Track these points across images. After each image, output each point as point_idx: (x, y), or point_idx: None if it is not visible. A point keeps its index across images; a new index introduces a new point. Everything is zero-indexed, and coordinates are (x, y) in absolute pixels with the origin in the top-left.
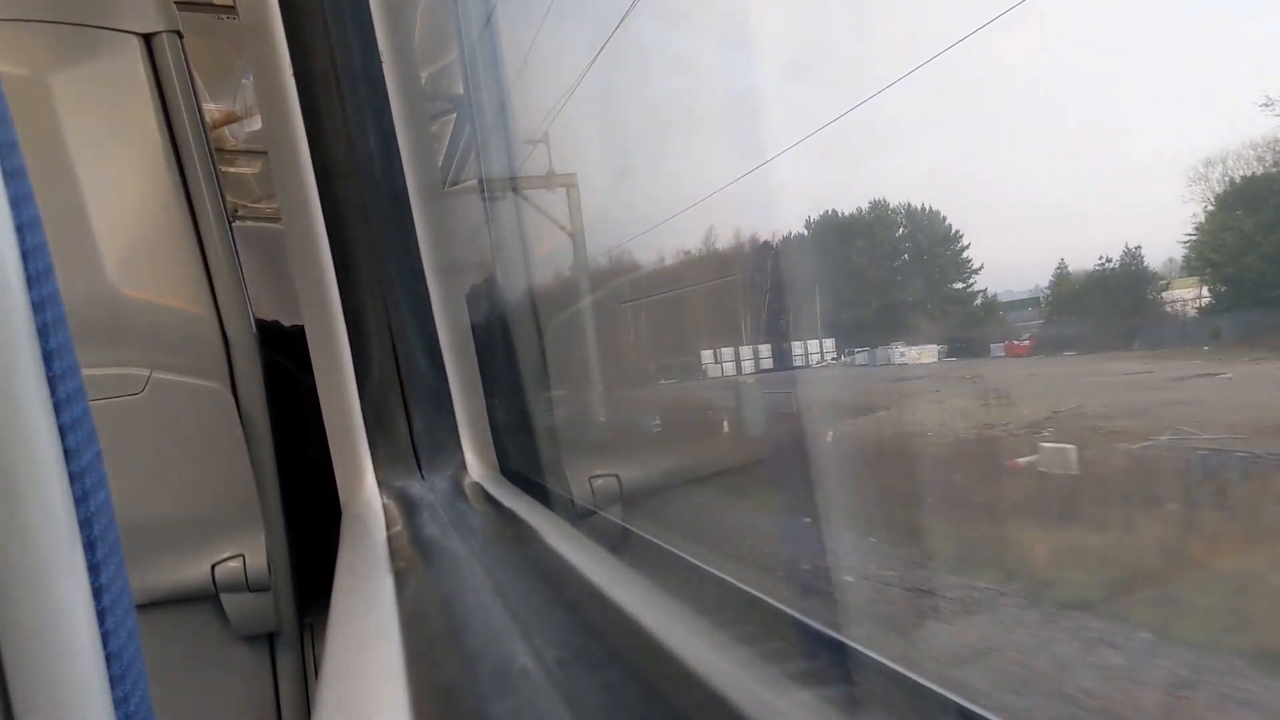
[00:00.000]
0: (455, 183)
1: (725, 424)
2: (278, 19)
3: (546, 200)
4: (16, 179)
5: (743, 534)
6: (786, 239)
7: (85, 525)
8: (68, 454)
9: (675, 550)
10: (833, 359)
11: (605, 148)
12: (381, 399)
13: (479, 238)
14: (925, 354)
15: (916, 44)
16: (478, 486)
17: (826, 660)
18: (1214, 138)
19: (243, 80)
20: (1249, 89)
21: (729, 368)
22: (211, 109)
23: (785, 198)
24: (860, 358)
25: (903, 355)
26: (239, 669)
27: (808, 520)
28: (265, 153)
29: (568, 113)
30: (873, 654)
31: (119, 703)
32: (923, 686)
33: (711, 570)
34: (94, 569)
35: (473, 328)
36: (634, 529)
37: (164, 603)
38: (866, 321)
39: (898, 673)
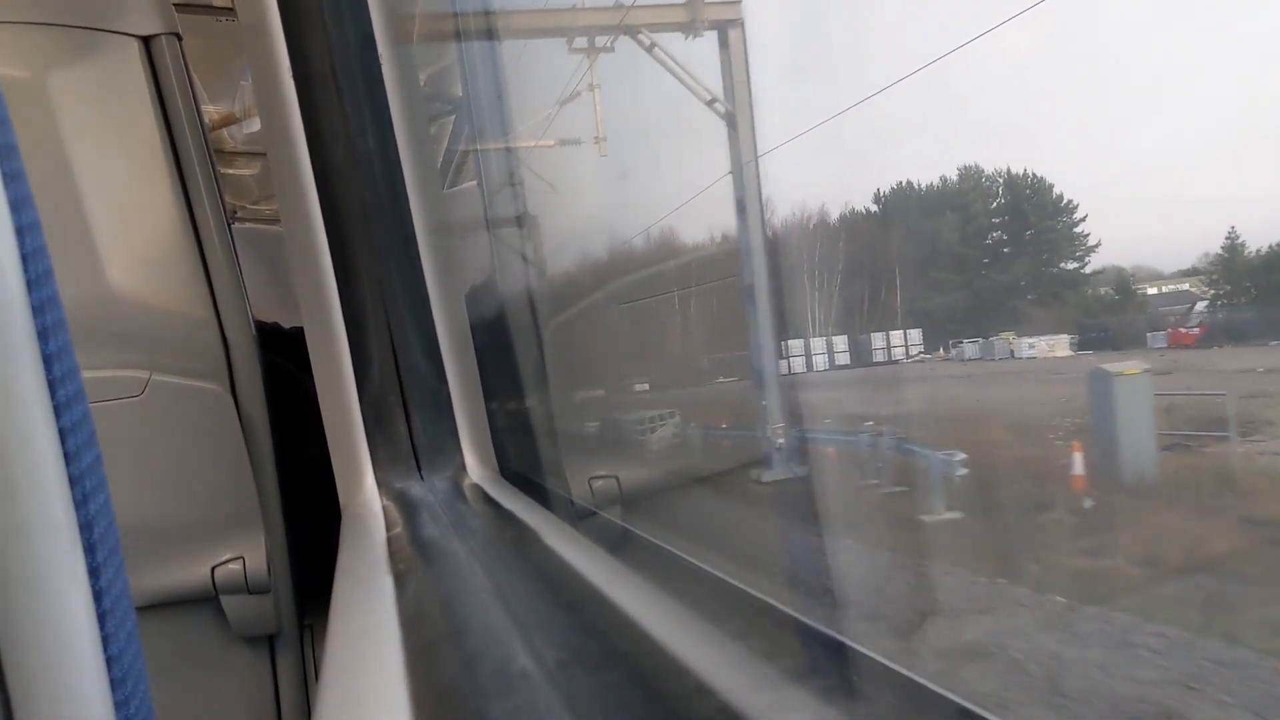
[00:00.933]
0: (455, 184)
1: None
2: (277, 20)
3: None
4: (16, 182)
5: None
6: (851, 216)
7: (85, 528)
8: (68, 457)
9: (676, 551)
10: (920, 353)
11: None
12: (381, 400)
13: (478, 235)
14: (1058, 346)
15: None
16: (477, 488)
17: (827, 661)
18: None
19: (241, 82)
20: None
21: (798, 363)
22: (210, 111)
23: (848, 167)
24: (970, 350)
25: (1031, 347)
26: (239, 671)
27: None
28: (264, 154)
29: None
30: (873, 654)
31: (120, 705)
32: (924, 687)
33: (713, 571)
34: (94, 572)
35: (489, 327)
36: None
37: (164, 605)
38: (961, 309)
39: (898, 673)
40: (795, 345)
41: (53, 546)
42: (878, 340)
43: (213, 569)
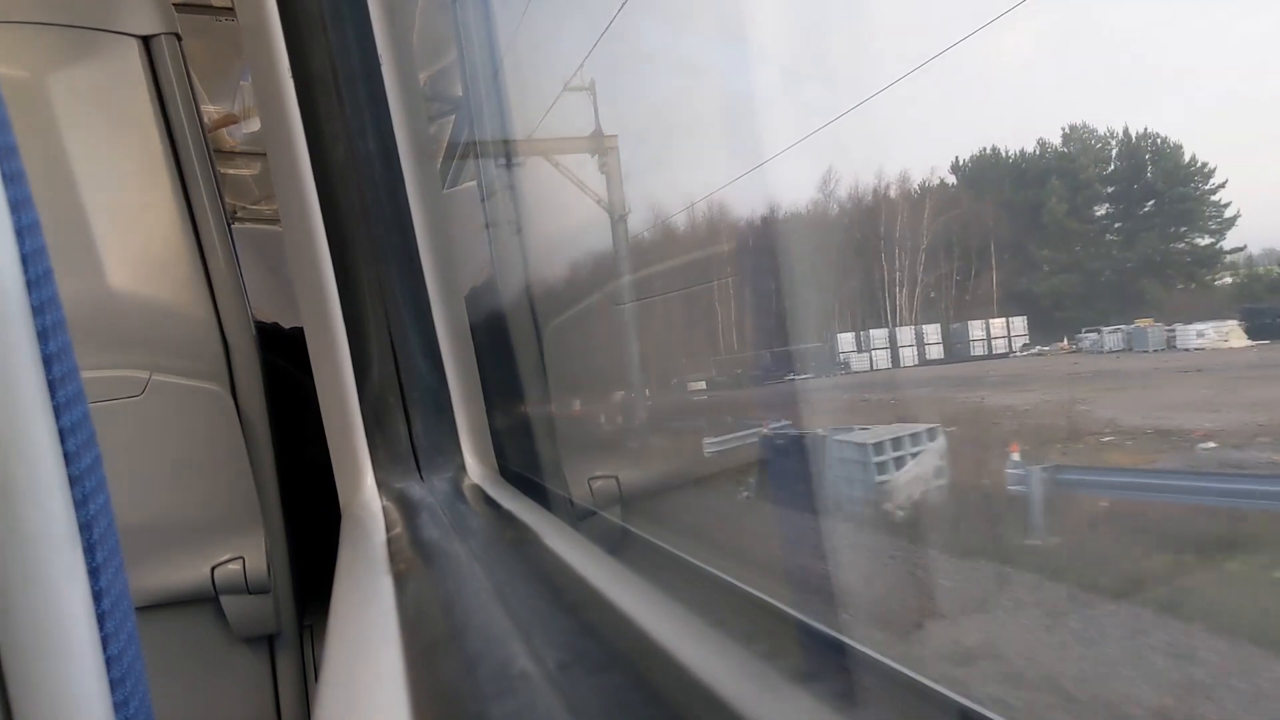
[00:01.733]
0: (455, 184)
1: None
2: (276, 21)
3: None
4: (15, 183)
5: None
6: (926, 187)
7: (85, 529)
8: (68, 457)
9: (677, 552)
10: (1025, 343)
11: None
12: (381, 401)
13: (478, 234)
14: (1232, 334)
15: None
16: (477, 488)
17: (830, 662)
18: None
19: (241, 82)
20: None
21: (880, 356)
22: (210, 110)
23: (922, 127)
24: (1110, 340)
25: (1200, 336)
26: (239, 671)
27: None
28: (264, 154)
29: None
30: (877, 655)
31: (119, 706)
32: (926, 687)
33: (714, 571)
34: (94, 572)
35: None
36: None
37: (163, 605)
38: (1073, 292)
39: (901, 674)
40: (847, 337)
41: (52, 547)
42: (974, 330)
43: (212, 569)
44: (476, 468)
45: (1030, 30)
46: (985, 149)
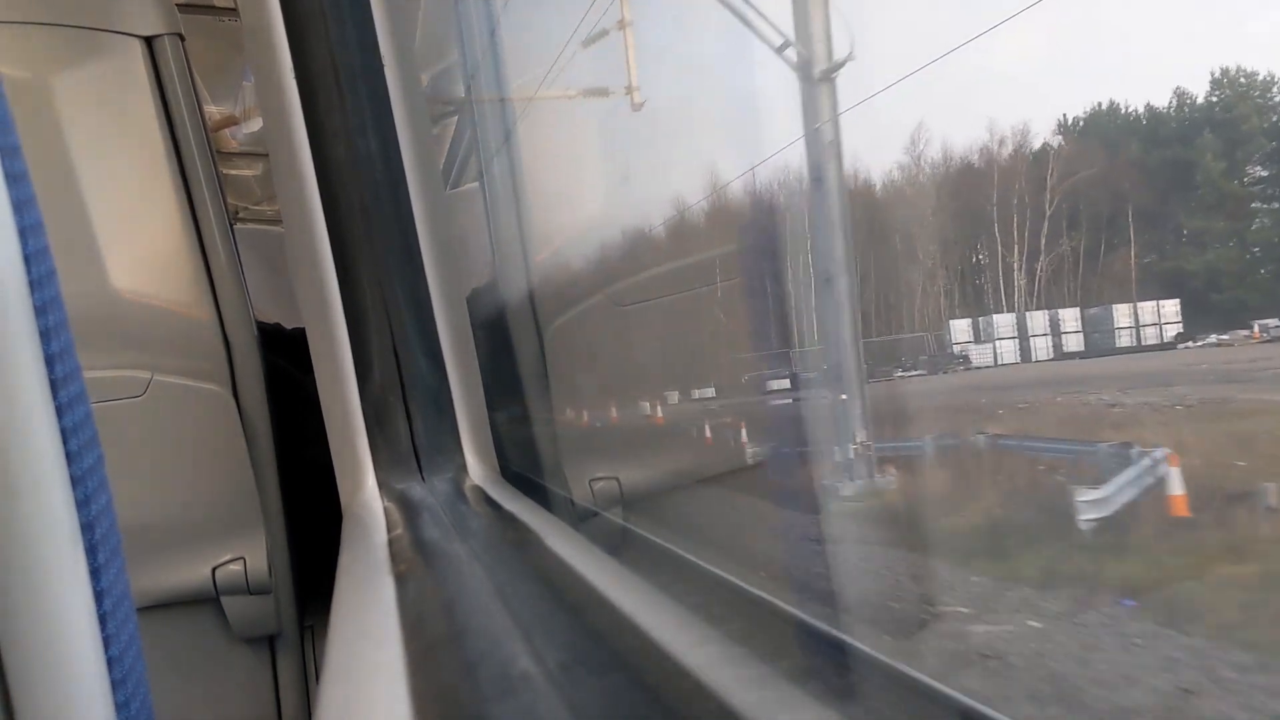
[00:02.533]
0: (456, 184)
1: None
2: (279, 21)
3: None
4: (19, 183)
5: None
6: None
7: (87, 529)
8: (69, 458)
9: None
10: (1179, 331)
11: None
12: (382, 401)
13: (479, 229)
14: None
15: None
16: (478, 489)
17: (832, 663)
18: None
19: (244, 82)
20: None
21: (1005, 348)
22: (213, 111)
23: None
24: None
25: None
26: (240, 671)
27: None
28: (266, 154)
29: None
30: (880, 655)
31: (120, 706)
32: (926, 685)
33: (715, 571)
34: (95, 573)
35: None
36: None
37: (165, 606)
38: (1233, 270)
39: (905, 674)
40: (966, 326)
41: (54, 547)
42: (1119, 315)
43: (214, 570)
44: (478, 468)
45: None
46: (1100, 104)
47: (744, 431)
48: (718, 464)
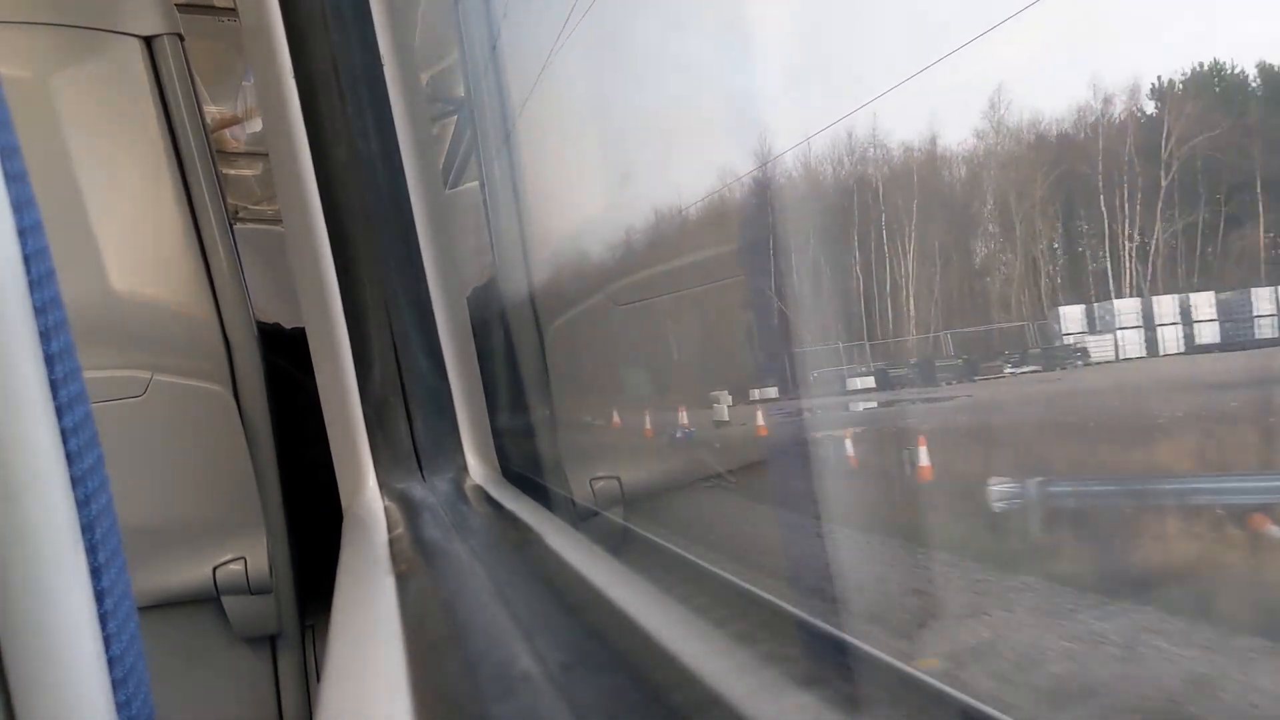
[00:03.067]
0: (456, 184)
1: None
2: (279, 21)
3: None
4: (18, 183)
5: None
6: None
7: (87, 529)
8: (70, 458)
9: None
10: None
11: None
12: (383, 401)
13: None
14: None
15: None
16: (479, 489)
17: (835, 664)
18: None
19: (244, 82)
20: None
21: (1127, 339)
22: (212, 111)
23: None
24: None
25: None
26: (240, 671)
27: None
28: (266, 154)
29: None
30: (882, 655)
31: (121, 706)
32: (930, 686)
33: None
34: (96, 573)
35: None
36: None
37: (165, 605)
38: None
39: (904, 672)
40: (1079, 313)
41: (55, 547)
42: (1260, 301)
43: (214, 569)
44: (478, 468)
45: None
46: (1201, 64)
47: (924, 451)
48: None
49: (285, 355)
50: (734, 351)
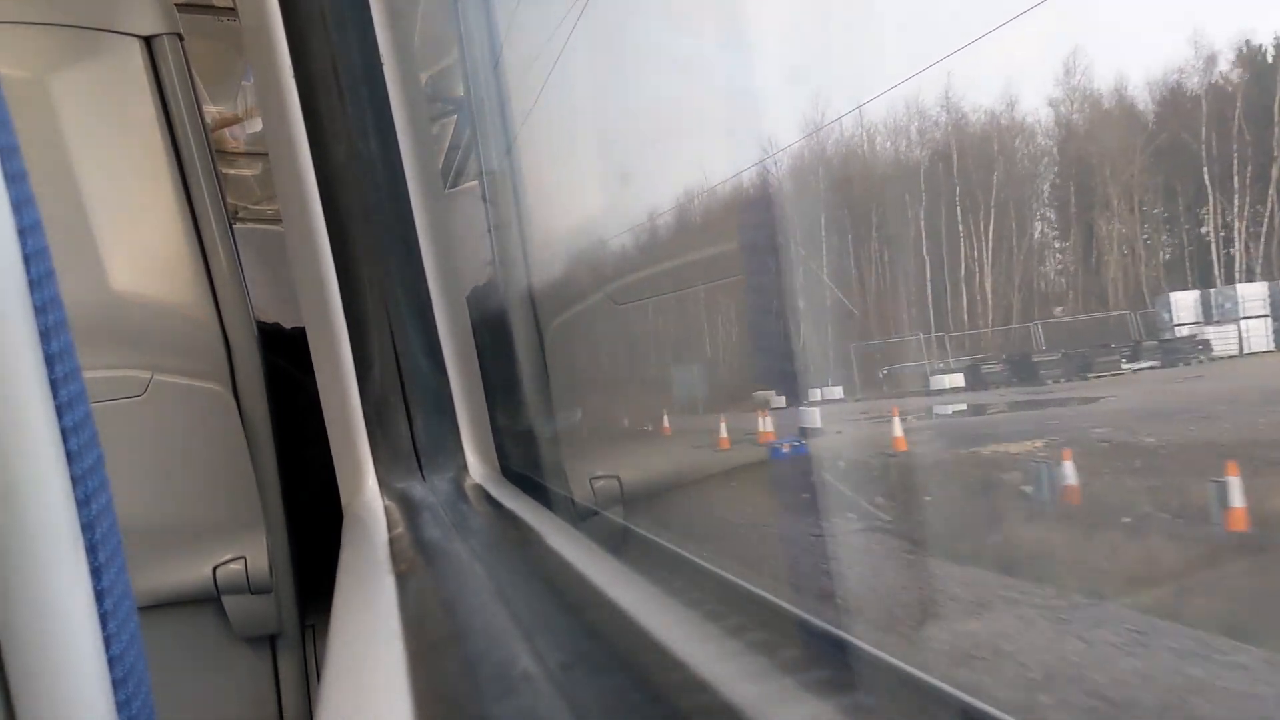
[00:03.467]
0: (456, 183)
1: None
2: (278, 21)
3: None
4: (18, 183)
5: None
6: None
7: (87, 529)
8: (70, 457)
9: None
10: None
11: None
12: (383, 400)
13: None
14: None
15: None
16: (479, 488)
17: (835, 664)
18: None
19: (244, 82)
20: None
21: (1253, 329)
22: (212, 111)
23: None
24: None
25: None
26: (241, 671)
27: None
28: (266, 154)
29: None
30: (880, 653)
31: (121, 705)
32: (930, 685)
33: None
34: (96, 572)
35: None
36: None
37: (165, 605)
38: None
39: (909, 674)
40: (1193, 301)
41: (54, 547)
42: None
43: (214, 569)
44: (479, 467)
45: None
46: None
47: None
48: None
49: (285, 355)
50: (772, 347)
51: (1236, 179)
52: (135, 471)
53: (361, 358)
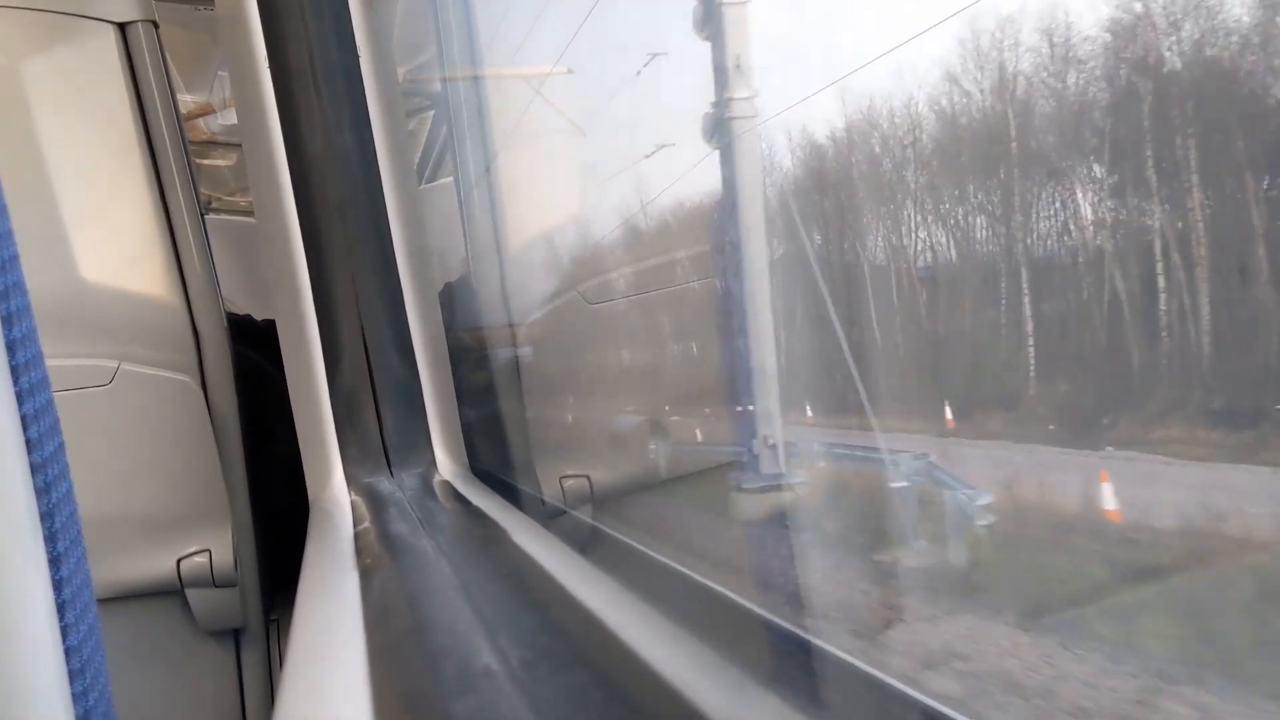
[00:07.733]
0: (432, 179)
1: None
2: (254, 11)
3: None
4: None
5: None
6: None
7: (46, 517)
8: (29, 444)
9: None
10: None
11: None
12: (352, 394)
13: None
14: None
15: None
16: (447, 484)
17: (793, 661)
18: None
19: (219, 72)
20: None
21: None
22: (187, 100)
23: None
24: None
25: None
26: (204, 664)
27: None
28: (240, 145)
29: None
30: (845, 656)
31: (78, 697)
32: (890, 687)
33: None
34: (55, 561)
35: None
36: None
37: (128, 597)
38: None
39: (865, 673)
40: None
41: (12, 534)
42: None
43: (178, 561)
44: (447, 464)
45: None
46: None
47: None
48: None
49: (256, 347)
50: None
51: None
52: (100, 461)
53: (332, 351)
